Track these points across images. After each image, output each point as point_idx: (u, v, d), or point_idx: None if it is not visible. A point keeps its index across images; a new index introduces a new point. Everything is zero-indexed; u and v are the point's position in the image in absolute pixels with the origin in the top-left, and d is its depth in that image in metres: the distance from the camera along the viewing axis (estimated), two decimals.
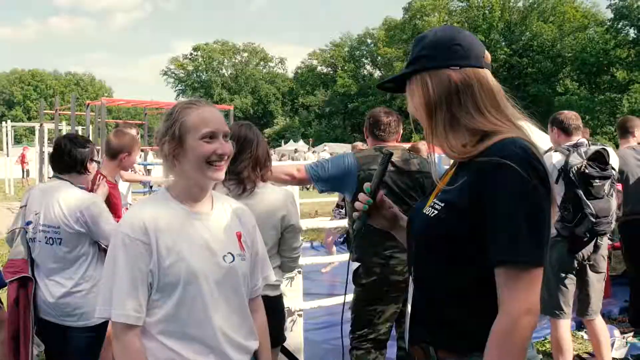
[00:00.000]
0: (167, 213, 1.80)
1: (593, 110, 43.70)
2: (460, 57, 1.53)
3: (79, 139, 3.37)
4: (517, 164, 1.37)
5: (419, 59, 1.56)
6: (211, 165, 1.79)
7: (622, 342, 4.86)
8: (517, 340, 1.34)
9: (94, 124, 13.57)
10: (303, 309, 4.54)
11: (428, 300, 1.53)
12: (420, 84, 1.54)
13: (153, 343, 1.76)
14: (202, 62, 70.93)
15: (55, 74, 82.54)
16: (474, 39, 1.59)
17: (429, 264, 1.52)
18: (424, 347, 1.54)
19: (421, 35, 1.62)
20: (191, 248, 1.78)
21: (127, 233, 1.74)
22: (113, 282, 1.72)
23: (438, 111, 1.53)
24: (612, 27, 44.01)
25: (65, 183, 3.23)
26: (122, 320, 1.70)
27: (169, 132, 1.81)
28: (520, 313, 1.33)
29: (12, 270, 3.16)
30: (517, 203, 1.36)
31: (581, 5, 52.92)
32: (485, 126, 1.49)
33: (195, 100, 1.91)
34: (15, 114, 69.60)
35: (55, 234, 3.12)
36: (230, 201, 2.03)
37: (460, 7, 56.00)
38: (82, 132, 19.52)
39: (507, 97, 1.58)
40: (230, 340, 1.82)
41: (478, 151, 1.46)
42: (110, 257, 1.77)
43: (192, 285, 1.75)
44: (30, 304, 3.12)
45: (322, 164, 3.40)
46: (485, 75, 1.55)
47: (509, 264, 1.36)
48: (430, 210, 1.52)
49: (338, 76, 61.57)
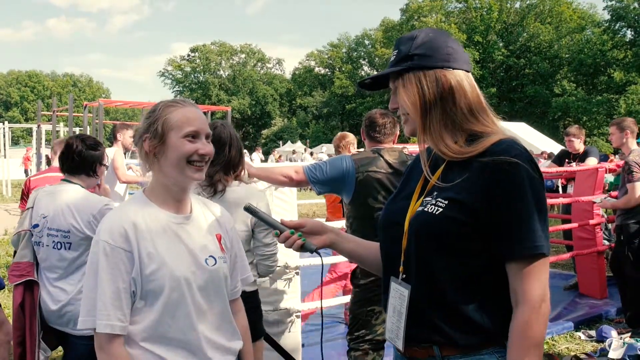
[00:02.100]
0: (146, 217, 1.78)
1: (590, 112, 43.77)
2: (454, 60, 1.58)
3: (91, 140, 3.29)
4: (525, 162, 1.46)
5: (411, 57, 1.58)
6: (192, 165, 1.78)
7: (619, 342, 4.86)
8: (542, 326, 1.43)
9: (91, 125, 13.55)
10: (301, 311, 4.55)
11: (431, 299, 1.53)
12: (415, 82, 1.57)
13: (137, 350, 1.74)
14: (199, 64, 70.79)
15: (53, 75, 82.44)
16: (461, 45, 1.66)
17: (433, 260, 1.52)
18: (427, 347, 1.54)
19: (410, 35, 1.64)
20: (173, 253, 1.77)
21: (107, 241, 1.72)
22: (95, 293, 1.70)
23: (432, 110, 1.56)
24: (609, 28, 44.02)
25: (73, 186, 3.17)
26: (107, 330, 1.69)
27: (151, 129, 1.79)
28: (540, 301, 1.44)
29: (17, 273, 3.11)
30: (530, 199, 1.45)
31: (578, 6, 53.00)
32: (476, 126, 1.57)
33: (179, 99, 1.90)
34: (13, 115, 69.46)
35: (64, 238, 3.06)
36: (208, 203, 2.03)
37: (458, 9, 56.00)
38: (79, 133, 19.52)
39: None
40: (214, 343, 1.82)
41: (477, 151, 1.50)
42: (91, 266, 1.74)
43: (175, 291, 1.74)
44: (37, 308, 3.07)
45: (320, 166, 3.40)
46: (473, 80, 1.62)
47: (525, 256, 1.44)
48: (433, 208, 1.53)
49: (336, 77, 61.50)
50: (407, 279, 1.58)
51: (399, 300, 1.60)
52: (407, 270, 1.59)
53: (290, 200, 4.33)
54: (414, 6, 55.34)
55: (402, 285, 1.59)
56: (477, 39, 50.91)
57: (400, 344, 1.59)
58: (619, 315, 5.85)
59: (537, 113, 48.34)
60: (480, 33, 51.33)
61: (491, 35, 52.02)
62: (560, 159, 7.31)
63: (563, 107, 45.05)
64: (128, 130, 6.69)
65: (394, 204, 1.74)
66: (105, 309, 1.69)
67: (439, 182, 1.56)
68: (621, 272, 5.54)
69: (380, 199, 3.27)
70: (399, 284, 1.61)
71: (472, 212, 1.47)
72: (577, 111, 44.35)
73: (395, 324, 1.62)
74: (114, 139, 6.62)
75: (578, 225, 6.61)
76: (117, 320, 1.70)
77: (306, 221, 1.78)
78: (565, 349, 5.01)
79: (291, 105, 68.17)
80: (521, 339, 1.42)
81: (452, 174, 1.55)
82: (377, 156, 3.37)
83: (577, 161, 6.91)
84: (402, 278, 1.60)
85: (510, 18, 52.86)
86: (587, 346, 5.09)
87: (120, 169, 6.27)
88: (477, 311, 1.48)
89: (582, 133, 7.13)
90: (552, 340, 5.18)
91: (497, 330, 1.48)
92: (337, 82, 60.11)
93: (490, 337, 1.48)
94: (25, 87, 75.97)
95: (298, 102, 65.51)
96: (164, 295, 1.73)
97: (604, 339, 5.06)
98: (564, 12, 50.81)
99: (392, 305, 1.63)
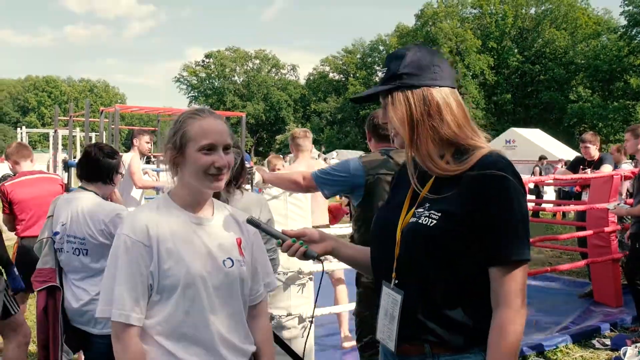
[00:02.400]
0: (169, 217, 1.83)
1: (606, 118, 43.45)
2: (440, 78, 1.67)
3: (108, 149, 3.35)
4: (510, 175, 1.57)
5: (399, 76, 1.67)
6: (210, 176, 1.81)
7: (634, 351, 4.83)
8: (520, 329, 1.54)
9: (107, 131, 13.68)
10: (315, 316, 4.56)
11: (424, 304, 1.62)
12: (403, 101, 1.66)
13: (151, 346, 1.79)
14: (214, 69, 71.25)
15: (69, 80, 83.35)
16: (448, 63, 1.74)
17: (426, 268, 1.61)
18: (419, 344, 1.64)
19: (397, 53, 1.72)
20: (191, 252, 1.81)
21: (128, 235, 1.78)
22: (114, 283, 1.76)
23: (420, 126, 1.65)
24: (626, 34, 43.75)
25: (89, 194, 3.23)
26: (122, 319, 1.73)
27: (172, 140, 1.84)
28: (520, 306, 1.54)
29: (40, 279, 3.19)
30: (516, 209, 1.55)
31: (594, 12, 52.70)
32: (463, 140, 1.65)
33: (201, 109, 1.92)
34: (30, 120, 70.29)
35: (81, 245, 3.13)
36: (232, 209, 2.07)
37: (473, 14, 55.97)
38: (95, 138, 19.70)
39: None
40: (227, 342, 1.85)
41: (464, 169, 1.60)
42: (111, 259, 1.80)
43: (190, 288, 1.78)
44: (59, 312, 3.14)
45: (327, 170, 3.38)
46: (458, 96, 1.70)
47: (510, 263, 1.54)
48: (427, 220, 1.61)
49: (350, 83, 61.57)
50: (400, 285, 1.68)
51: (392, 305, 1.69)
52: (399, 277, 1.68)
53: (304, 205, 4.36)
54: (429, 12, 55.35)
55: (394, 291, 1.68)
56: (492, 44, 50.82)
57: (392, 345, 1.69)
58: (634, 324, 5.80)
59: (552, 119, 48.09)
60: (495, 39, 51.22)
61: (506, 41, 51.89)
62: (575, 165, 7.26)
63: (578, 113, 44.80)
64: (145, 135, 6.77)
65: (385, 213, 1.83)
66: (121, 299, 1.74)
67: (429, 194, 1.65)
68: (636, 280, 5.50)
69: None
70: (392, 289, 1.70)
71: (463, 223, 1.57)
72: (592, 117, 44.07)
73: (387, 325, 1.72)
74: (131, 145, 6.71)
75: (593, 232, 6.56)
76: (133, 311, 1.74)
77: (306, 230, 1.88)
78: (579, 357, 4.98)
79: (305, 110, 68.34)
80: (500, 339, 1.53)
81: (442, 186, 1.63)
82: (387, 158, 3.30)
83: (592, 168, 6.87)
84: (394, 284, 1.69)
85: (525, 24, 52.69)
86: (602, 355, 5.05)
87: (137, 174, 6.34)
88: (466, 314, 1.60)
89: (598, 140, 7.09)
90: (567, 349, 5.15)
91: (484, 330, 1.57)
92: (352, 88, 60.16)
93: (478, 337, 1.58)
94: (43, 93, 76.95)
95: (312, 107, 65.66)
96: (179, 291, 1.77)
97: (619, 347, 5.02)
98: (579, 17, 50.59)
99: (384, 308, 1.73)
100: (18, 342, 3.86)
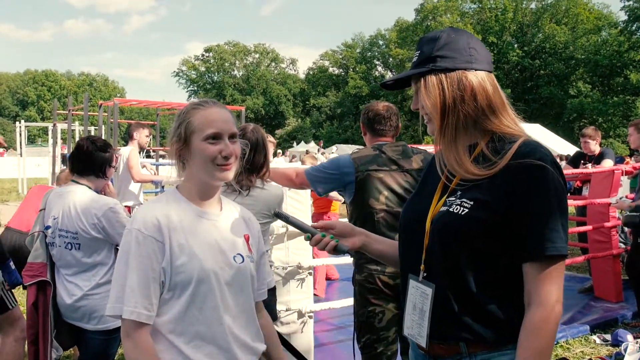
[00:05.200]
0: (179, 212, 1.79)
1: (606, 113, 43.38)
2: (476, 61, 1.57)
3: (101, 142, 3.30)
4: (550, 165, 1.47)
5: (433, 58, 1.57)
6: (217, 166, 1.77)
7: (635, 346, 4.81)
8: (553, 327, 1.45)
9: (106, 124, 13.61)
10: (314, 311, 4.55)
11: (457, 297, 1.53)
12: (436, 84, 1.56)
13: (163, 345, 1.74)
14: (213, 64, 71.11)
15: (69, 74, 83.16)
16: (483, 45, 1.64)
17: (457, 259, 1.53)
18: (453, 344, 1.55)
19: (432, 35, 1.62)
20: (203, 247, 1.77)
21: (139, 229, 1.73)
22: (125, 280, 1.70)
23: (450, 112, 1.55)
24: (626, 29, 43.58)
25: (81, 187, 3.19)
26: (133, 317, 1.68)
27: (176, 132, 1.81)
28: (555, 303, 1.45)
29: (30, 274, 3.16)
30: (552, 201, 1.46)
31: (594, 7, 52.54)
32: (498, 128, 1.56)
33: (204, 100, 1.88)
34: (29, 114, 70.23)
35: (73, 239, 3.10)
36: (237, 205, 2.04)
37: (473, 9, 55.78)
38: (94, 132, 19.66)
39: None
40: (239, 340, 1.81)
41: (494, 171, 1.49)
42: (122, 254, 1.74)
43: (204, 284, 1.74)
44: (49, 308, 3.11)
45: (319, 167, 3.33)
46: (495, 80, 1.61)
47: (545, 257, 1.45)
48: (458, 208, 1.53)
49: (349, 77, 61.44)
50: (429, 277, 1.59)
51: (421, 299, 1.60)
52: (429, 269, 1.59)
53: (304, 200, 4.34)
54: (429, 6, 55.19)
55: (424, 284, 1.60)
56: (492, 39, 50.62)
57: (423, 342, 1.60)
58: (635, 319, 5.79)
59: (552, 114, 47.98)
60: (495, 34, 51.05)
61: (506, 35, 51.74)
62: (575, 160, 7.23)
63: (578, 108, 44.71)
64: (144, 129, 6.74)
65: (414, 203, 1.74)
66: (132, 296, 1.69)
67: (462, 182, 1.56)
68: (637, 275, 5.49)
69: (382, 199, 3.12)
70: (420, 282, 1.61)
71: (497, 212, 1.48)
72: (592, 113, 43.99)
73: (416, 321, 1.62)
74: (130, 138, 6.68)
75: (593, 227, 6.55)
76: (144, 309, 1.69)
77: (335, 223, 1.80)
78: (580, 353, 4.97)
79: (305, 105, 68.21)
80: (532, 340, 1.43)
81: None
82: (379, 153, 3.20)
83: (593, 163, 6.84)
84: (423, 276, 1.61)
85: (525, 19, 52.54)
86: (602, 350, 5.03)
87: (135, 168, 6.32)
88: (502, 308, 1.50)
89: (598, 135, 7.05)
90: (567, 344, 5.13)
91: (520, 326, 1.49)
92: (351, 83, 60.08)
93: (515, 333, 1.48)
94: (42, 87, 76.77)
95: (312, 102, 65.52)
96: (192, 287, 1.73)
97: (620, 343, 5.01)
98: (579, 12, 50.43)
99: (412, 302, 1.63)
100: (15, 336, 3.82)
